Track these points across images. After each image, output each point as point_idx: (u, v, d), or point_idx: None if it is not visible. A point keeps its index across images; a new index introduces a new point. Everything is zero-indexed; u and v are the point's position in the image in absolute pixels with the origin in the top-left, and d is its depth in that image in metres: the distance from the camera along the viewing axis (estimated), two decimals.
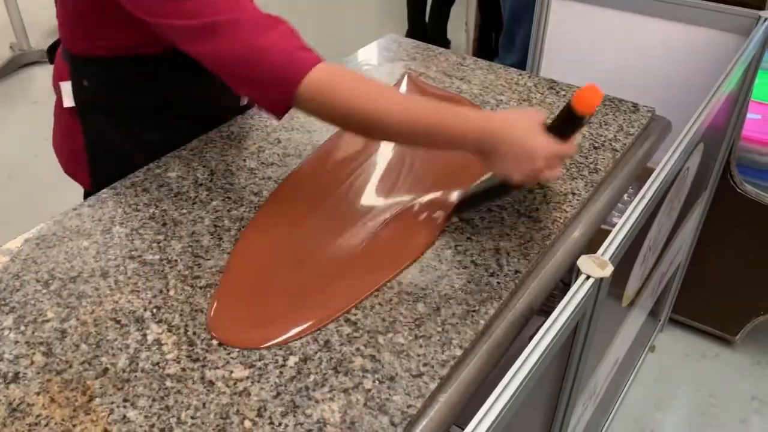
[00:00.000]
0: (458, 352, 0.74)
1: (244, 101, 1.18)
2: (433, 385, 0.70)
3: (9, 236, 0.89)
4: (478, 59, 1.36)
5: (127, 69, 0.99)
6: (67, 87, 1.02)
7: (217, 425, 0.66)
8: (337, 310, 0.78)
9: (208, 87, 1.03)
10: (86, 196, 1.10)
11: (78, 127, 1.04)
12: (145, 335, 0.75)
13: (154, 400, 0.68)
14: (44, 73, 3.16)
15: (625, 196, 1.23)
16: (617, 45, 1.58)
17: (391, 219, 0.92)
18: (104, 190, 0.97)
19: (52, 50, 1.10)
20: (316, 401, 0.68)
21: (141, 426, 0.66)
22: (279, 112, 0.84)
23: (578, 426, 1.12)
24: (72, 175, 1.11)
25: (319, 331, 0.76)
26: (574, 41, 1.63)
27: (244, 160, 1.03)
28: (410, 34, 3.35)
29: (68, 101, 1.02)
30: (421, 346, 0.74)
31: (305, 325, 0.76)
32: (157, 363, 0.72)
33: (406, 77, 1.25)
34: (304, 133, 1.11)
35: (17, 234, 0.89)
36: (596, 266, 0.74)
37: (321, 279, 0.83)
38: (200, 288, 0.81)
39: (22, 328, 0.76)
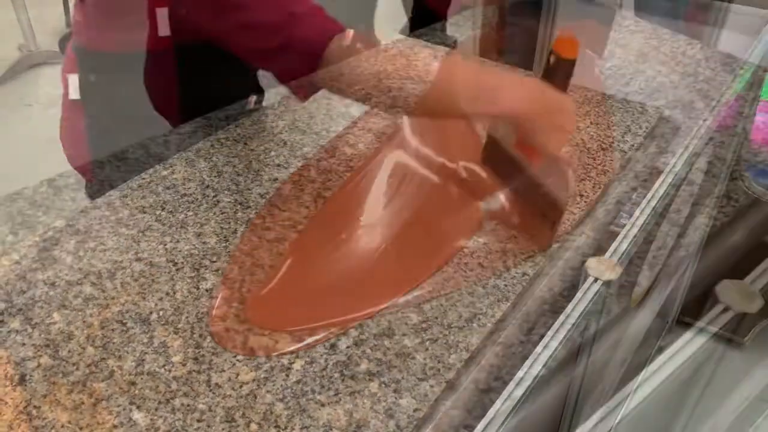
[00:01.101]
0: (465, 356, 0.73)
1: (250, 105, 1.18)
2: (439, 389, 0.70)
3: (16, 238, 0.89)
4: (485, 60, 1.35)
5: (134, 65, 0.99)
6: (74, 79, 1.03)
7: (223, 429, 0.66)
8: (349, 322, 0.77)
9: (211, 88, 1.03)
10: (88, 189, 1.11)
11: (82, 120, 1.05)
12: (151, 338, 0.75)
13: (159, 403, 0.68)
14: (53, 74, 3.17)
15: (634, 197, 1.22)
16: (625, 45, 1.57)
17: (413, 229, 0.91)
18: (111, 191, 0.97)
19: (64, 41, 1.12)
20: (322, 405, 0.68)
21: (147, 429, 0.66)
22: (305, 90, 0.86)
23: (585, 429, 1.12)
24: (75, 167, 1.12)
25: None
26: (580, 42, 1.63)
27: (251, 162, 1.03)
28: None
29: (74, 93, 1.04)
30: (427, 350, 0.74)
31: (315, 338, 0.75)
32: (163, 366, 0.72)
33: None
34: (309, 134, 1.11)
35: (24, 236, 0.89)
36: (604, 268, 0.73)
37: (330, 287, 0.82)
38: (206, 290, 0.81)
39: (29, 330, 0.76)
